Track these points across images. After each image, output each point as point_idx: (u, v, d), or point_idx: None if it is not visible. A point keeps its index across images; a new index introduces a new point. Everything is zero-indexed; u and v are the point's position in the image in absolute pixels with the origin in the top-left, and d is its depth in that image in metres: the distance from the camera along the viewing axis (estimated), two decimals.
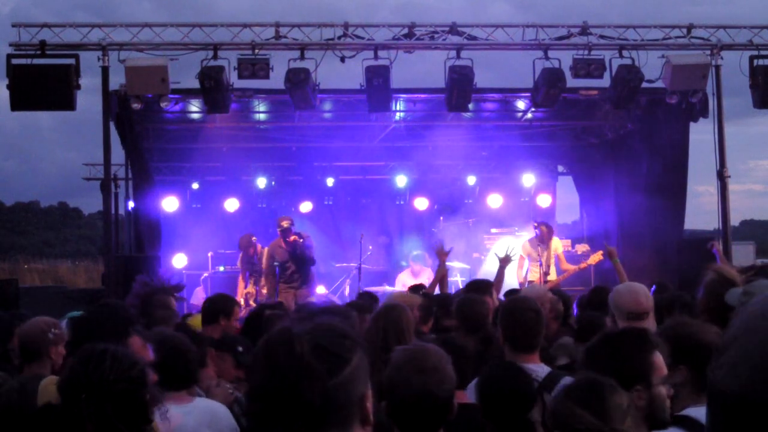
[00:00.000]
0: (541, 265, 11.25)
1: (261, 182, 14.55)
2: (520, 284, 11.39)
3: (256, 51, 10.12)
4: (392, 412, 2.56)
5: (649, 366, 2.53)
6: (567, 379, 3.42)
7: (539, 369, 3.76)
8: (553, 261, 11.36)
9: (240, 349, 4.05)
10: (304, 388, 1.55)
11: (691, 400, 2.61)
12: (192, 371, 3.41)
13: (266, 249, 11.17)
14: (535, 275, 11.25)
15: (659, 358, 2.56)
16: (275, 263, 10.71)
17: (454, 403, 2.63)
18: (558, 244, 11.67)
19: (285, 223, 10.87)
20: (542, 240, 11.48)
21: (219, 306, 5.38)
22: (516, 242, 12.19)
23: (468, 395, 3.71)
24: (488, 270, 13.01)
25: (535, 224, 11.73)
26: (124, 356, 2.44)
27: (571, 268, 11.16)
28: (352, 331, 1.71)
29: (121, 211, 15.05)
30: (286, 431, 1.57)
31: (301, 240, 10.74)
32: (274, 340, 1.63)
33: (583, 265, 11.08)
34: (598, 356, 2.56)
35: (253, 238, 11.70)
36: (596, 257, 11.06)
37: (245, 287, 11.59)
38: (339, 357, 1.60)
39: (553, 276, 11.17)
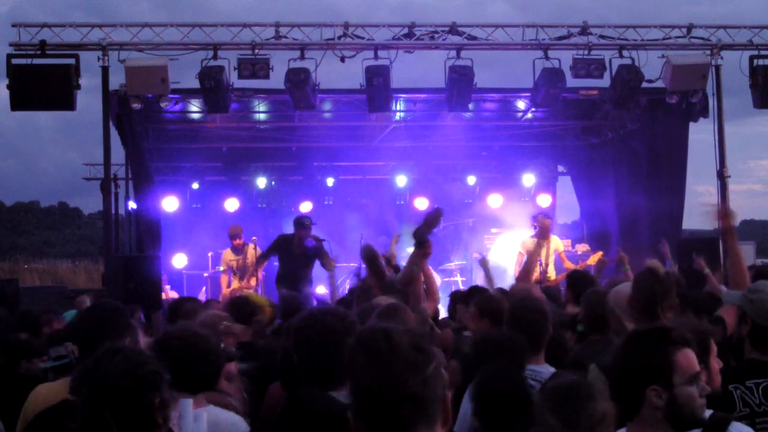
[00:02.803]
0: (540, 263, 11.24)
1: (261, 182, 14.54)
2: (517, 280, 11.38)
3: (256, 51, 10.12)
4: None
5: (669, 365, 2.46)
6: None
7: (543, 369, 3.76)
8: (552, 259, 11.36)
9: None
10: (408, 380, 1.61)
11: None
12: (206, 375, 3.07)
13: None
14: (534, 273, 11.24)
15: (686, 357, 2.49)
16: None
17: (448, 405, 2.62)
18: (558, 243, 11.66)
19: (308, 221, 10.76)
20: (541, 235, 11.47)
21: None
22: (514, 237, 12.20)
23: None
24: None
25: (534, 224, 11.73)
26: (136, 355, 2.30)
27: (571, 267, 11.17)
28: (424, 332, 1.77)
29: (121, 211, 15.04)
30: (392, 424, 1.61)
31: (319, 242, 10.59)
32: (371, 338, 1.67)
33: (581, 266, 11.08)
34: (619, 355, 2.53)
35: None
36: (595, 257, 11.05)
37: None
38: (428, 354, 1.67)
39: (552, 275, 11.17)
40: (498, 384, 3.11)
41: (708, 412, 2.70)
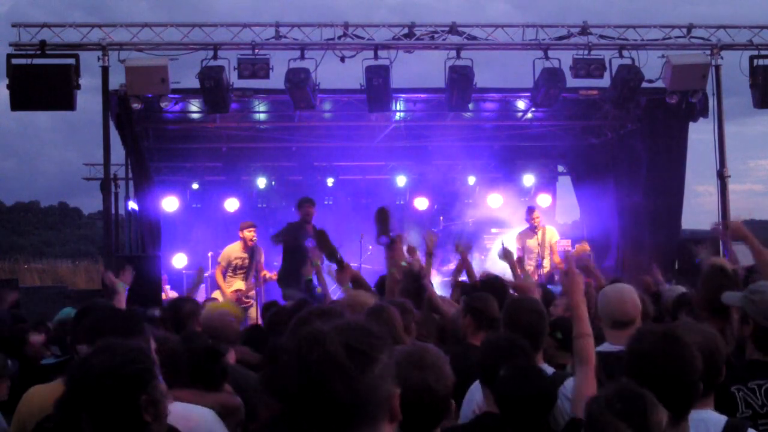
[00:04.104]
0: (540, 261, 11.24)
1: (261, 182, 14.54)
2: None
3: (256, 51, 10.12)
4: None
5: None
6: (571, 381, 3.40)
7: (543, 369, 3.76)
8: (548, 252, 11.40)
9: None
10: (336, 388, 1.57)
11: None
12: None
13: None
14: (529, 267, 11.24)
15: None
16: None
17: (452, 401, 2.62)
18: (553, 234, 11.68)
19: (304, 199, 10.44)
20: (533, 229, 11.50)
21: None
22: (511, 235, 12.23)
23: (468, 396, 3.70)
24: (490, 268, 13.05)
25: (526, 217, 11.80)
26: (126, 352, 2.21)
27: (558, 261, 11.22)
28: (380, 330, 1.71)
29: (121, 211, 15.03)
30: (318, 430, 1.59)
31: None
32: (305, 340, 1.63)
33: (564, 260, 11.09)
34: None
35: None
36: (579, 249, 11.06)
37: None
38: (368, 356, 1.62)
39: (547, 267, 11.20)
40: (523, 384, 3.13)
41: (716, 415, 2.70)
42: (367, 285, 6.20)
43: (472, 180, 15.15)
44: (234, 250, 11.19)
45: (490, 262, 13.14)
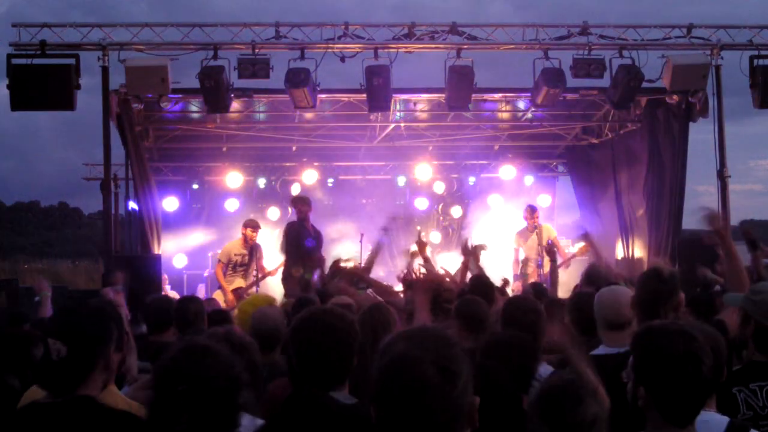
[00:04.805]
0: (540, 261, 11.23)
1: (261, 182, 14.54)
2: (515, 276, 11.37)
3: (256, 51, 10.12)
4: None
5: None
6: None
7: (542, 369, 3.75)
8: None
9: None
10: (432, 408, 1.63)
11: None
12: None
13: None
14: (530, 268, 11.23)
15: None
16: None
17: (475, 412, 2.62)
18: (549, 231, 11.66)
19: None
20: (531, 228, 11.49)
21: None
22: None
23: None
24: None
25: (525, 215, 11.80)
26: (224, 356, 2.28)
27: (563, 254, 11.24)
28: (455, 338, 1.76)
29: (121, 211, 15.02)
30: None
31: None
32: (399, 366, 1.68)
33: (569, 257, 11.14)
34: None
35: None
36: (583, 249, 11.09)
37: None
38: (456, 373, 1.68)
39: (546, 267, 11.19)
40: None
41: (718, 416, 2.69)
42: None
43: (472, 180, 15.15)
44: (234, 246, 11.27)
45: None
